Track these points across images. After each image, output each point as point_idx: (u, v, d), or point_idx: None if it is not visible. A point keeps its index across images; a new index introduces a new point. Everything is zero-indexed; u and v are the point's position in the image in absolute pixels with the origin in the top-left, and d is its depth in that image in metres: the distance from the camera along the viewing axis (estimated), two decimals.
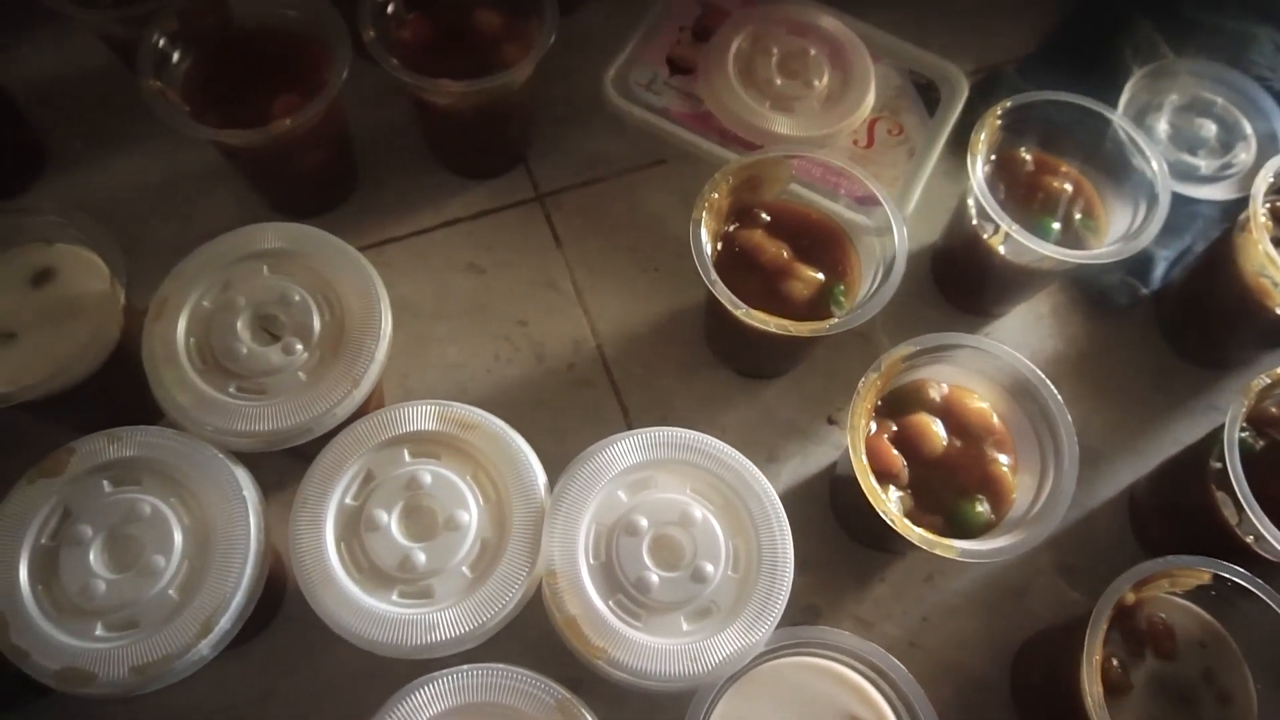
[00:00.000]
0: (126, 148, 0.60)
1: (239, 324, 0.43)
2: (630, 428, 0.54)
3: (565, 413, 0.54)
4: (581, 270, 0.58)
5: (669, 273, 0.59)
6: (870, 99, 0.58)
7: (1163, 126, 0.60)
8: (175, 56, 0.51)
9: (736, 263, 0.49)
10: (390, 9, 0.53)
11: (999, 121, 0.52)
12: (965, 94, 0.59)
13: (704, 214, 0.47)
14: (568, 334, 0.57)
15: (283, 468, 0.47)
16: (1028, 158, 0.54)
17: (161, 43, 0.50)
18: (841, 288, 0.49)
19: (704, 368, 0.57)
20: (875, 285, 0.47)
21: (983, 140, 0.51)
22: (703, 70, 0.58)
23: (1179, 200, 0.55)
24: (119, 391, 0.47)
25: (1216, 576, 0.42)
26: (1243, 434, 0.45)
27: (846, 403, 0.55)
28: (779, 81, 0.57)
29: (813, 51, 0.58)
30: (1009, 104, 0.51)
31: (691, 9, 0.61)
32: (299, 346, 0.43)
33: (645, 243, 0.59)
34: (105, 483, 0.40)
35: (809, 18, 0.59)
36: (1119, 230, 0.53)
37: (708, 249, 0.47)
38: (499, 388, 0.55)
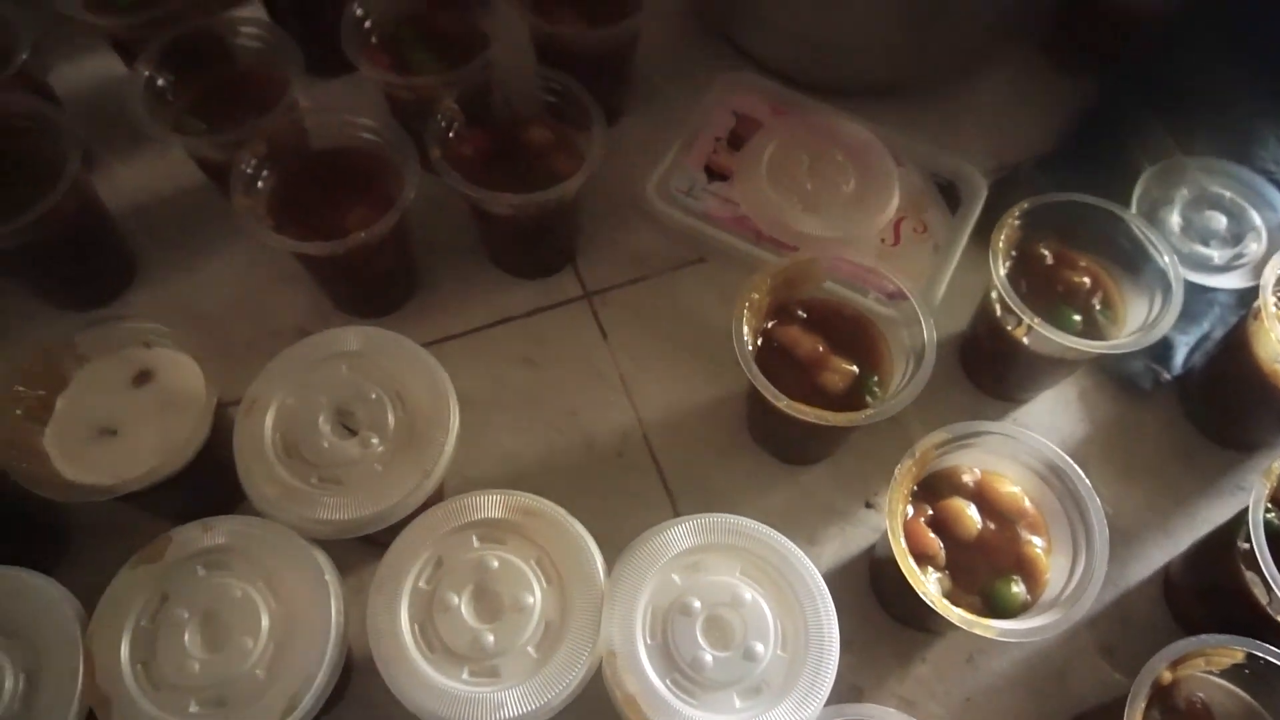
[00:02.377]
0: (207, 255, 0.66)
1: (320, 420, 0.47)
2: (677, 511, 0.57)
3: (615, 497, 0.57)
4: (627, 362, 0.62)
5: (709, 363, 0.62)
6: (895, 200, 0.62)
7: (1175, 219, 0.63)
8: (262, 176, 0.56)
9: (776, 356, 0.53)
10: (453, 128, 0.58)
11: (1017, 221, 0.55)
12: (984, 193, 0.63)
13: (745, 312, 0.51)
14: (616, 423, 0.60)
15: (351, 550, 0.50)
16: (1046, 253, 0.57)
17: (251, 164, 0.55)
18: (875, 378, 0.52)
19: (745, 453, 0.60)
20: (908, 376, 0.50)
21: (1003, 239, 0.54)
22: (738, 176, 0.63)
23: (1195, 288, 0.58)
24: (204, 481, 0.51)
25: (1250, 655, 0.43)
26: (1268, 515, 0.47)
27: (883, 486, 0.58)
28: (809, 185, 0.62)
29: (840, 157, 0.63)
30: (1026, 205, 0.55)
31: (725, 120, 0.66)
32: (375, 440, 0.47)
33: (686, 335, 0.63)
34: (199, 568, 0.43)
35: (835, 125, 0.64)
36: (1137, 319, 0.56)
37: (749, 344, 0.50)
38: (553, 475, 0.58)
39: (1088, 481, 0.47)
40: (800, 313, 0.54)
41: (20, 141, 0.57)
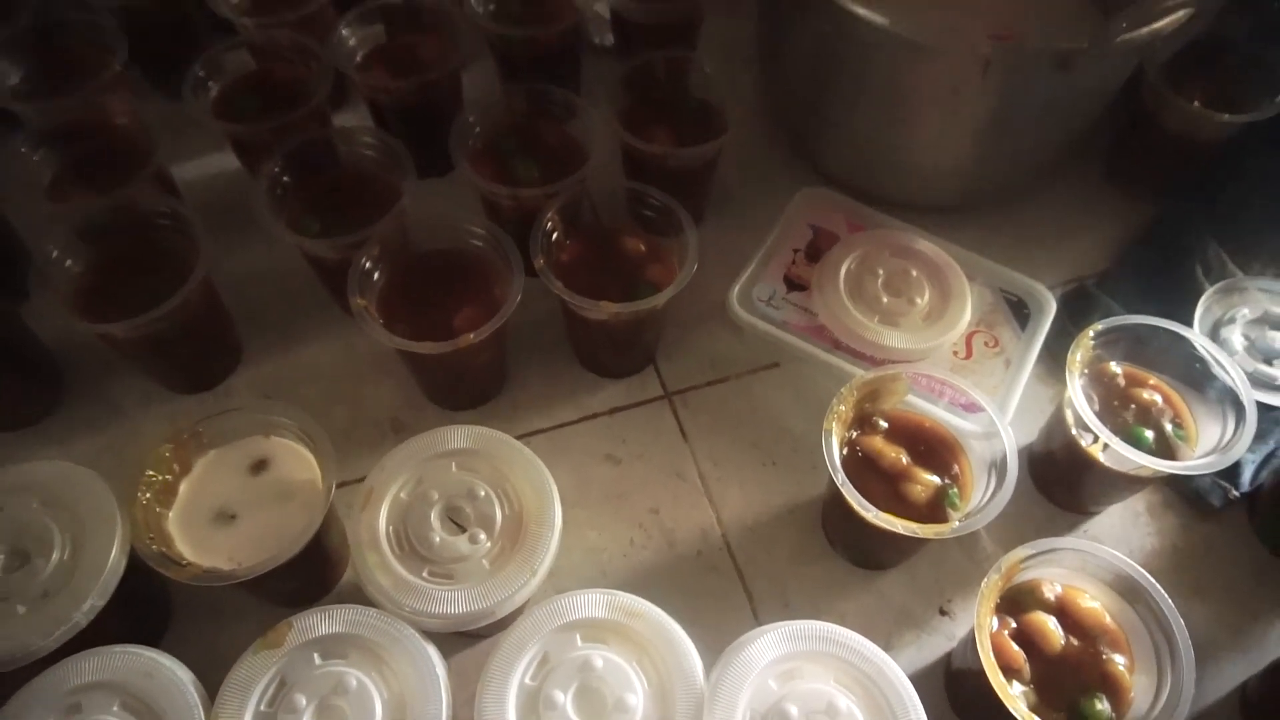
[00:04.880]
0: (306, 343, 0.69)
1: (432, 515, 0.49)
2: (755, 613, 0.58)
3: (696, 596, 0.59)
4: (707, 463, 0.64)
5: (785, 467, 0.64)
6: (967, 315, 0.65)
7: (1238, 339, 0.65)
8: (374, 275, 0.60)
9: (859, 466, 0.55)
10: (555, 236, 0.62)
11: (1092, 342, 0.58)
12: (1053, 311, 0.66)
13: (833, 424, 0.53)
14: (696, 522, 0.62)
15: (449, 641, 0.52)
16: (1118, 371, 0.59)
17: (365, 265, 0.59)
18: (955, 490, 0.54)
19: (821, 557, 0.61)
20: (990, 490, 0.52)
21: (1078, 359, 0.57)
22: (816, 288, 0.66)
23: (1261, 407, 0.60)
24: (307, 568, 0.54)
25: None
26: None
27: (956, 594, 0.60)
28: (885, 299, 0.65)
29: (914, 272, 0.66)
30: (1100, 327, 0.58)
31: (804, 233, 0.70)
32: (483, 537, 0.49)
33: (764, 439, 0.65)
34: (316, 655, 0.45)
35: (909, 242, 0.67)
36: (1209, 437, 0.57)
37: (837, 454, 0.53)
38: (635, 571, 0.60)
39: (1170, 601, 0.48)
40: (882, 423, 0.57)
41: (157, 236, 0.61)
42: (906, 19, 0.60)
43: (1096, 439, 0.55)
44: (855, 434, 0.56)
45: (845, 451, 0.55)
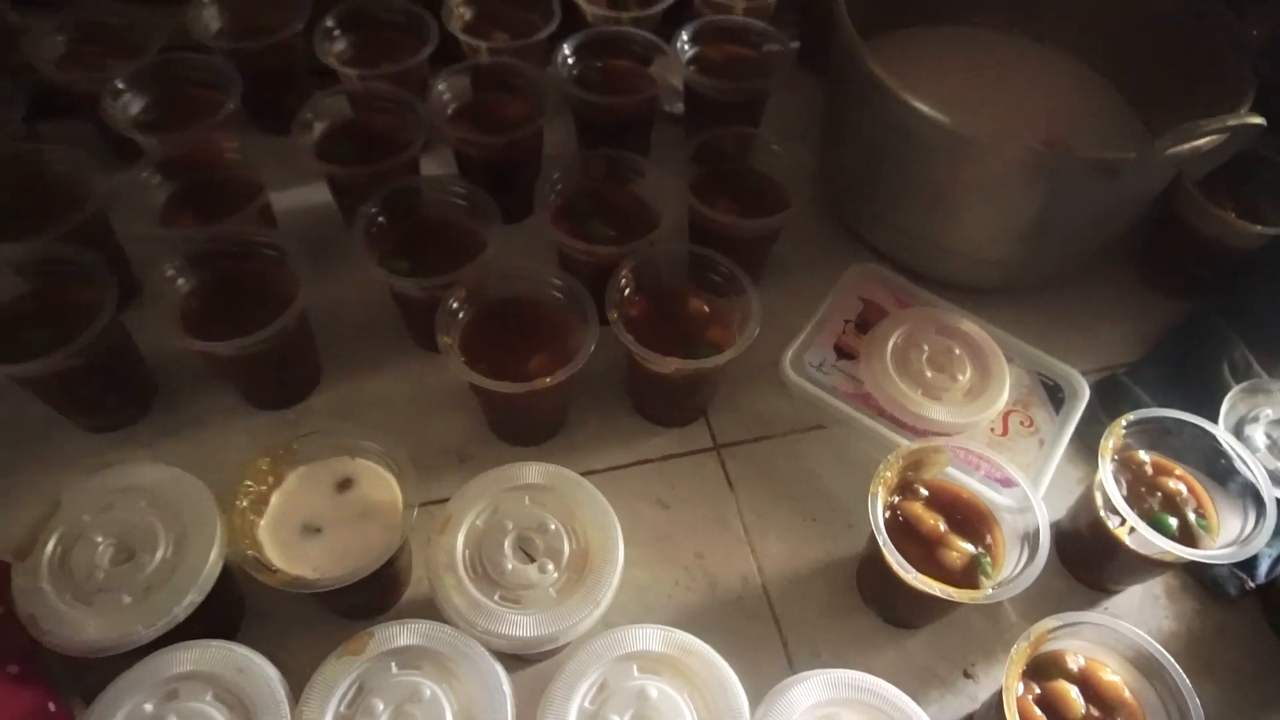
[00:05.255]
0: (381, 372, 0.74)
1: (505, 544, 0.53)
2: (790, 659, 0.62)
3: (734, 639, 0.61)
4: (750, 514, 0.68)
5: (824, 524, 0.68)
6: (1006, 395, 0.69)
7: (1260, 437, 0.69)
8: (458, 316, 0.65)
9: (899, 529, 0.59)
10: (627, 292, 0.67)
11: (1123, 430, 0.62)
12: (1087, 397, 0.70)
13: (879, 488, 0.57)
14: (737, 569, 0.66)
15: (507, 664, 0.55)
16: (1146, 460, 0.63)
17: (453, 305, 0.64)
18: (988, 559, 0.58)
19: (853, 612, 0.65)
20: (1022, 561, 0.56)
21: (1110, 445, 0.60)
22: (865, 358, 0.70)
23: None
24: (378, 584, 0.58)
25: None
26: None
27: (979, 658, 0.63)
28: (929, 374, 0.69)
29: (957, 350, 0.70)
30: (1132, 417, 0.62)
31: (854, 305, 0.74)
32: (551, 567, 0.53)
33: (804, 495, 0.69)
34: (393, 664, 0.49)
35: (953, 321, 0.72)
36: (1230, 528, 0.61)
37: (881, 516, 0.56)
38: (679, 610, 0.63)
39: (1188, 682, 0.52)
40: (923, 491, 0.60)
41: (259, 264, 0.67)
42: (965, 118, 0.65)
43: (1123, 522, 0.59)
44: (897, 499, 0.60)
45: (887, 515, 0.59)
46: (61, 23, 0.81)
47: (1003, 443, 0.68)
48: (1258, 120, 0.62)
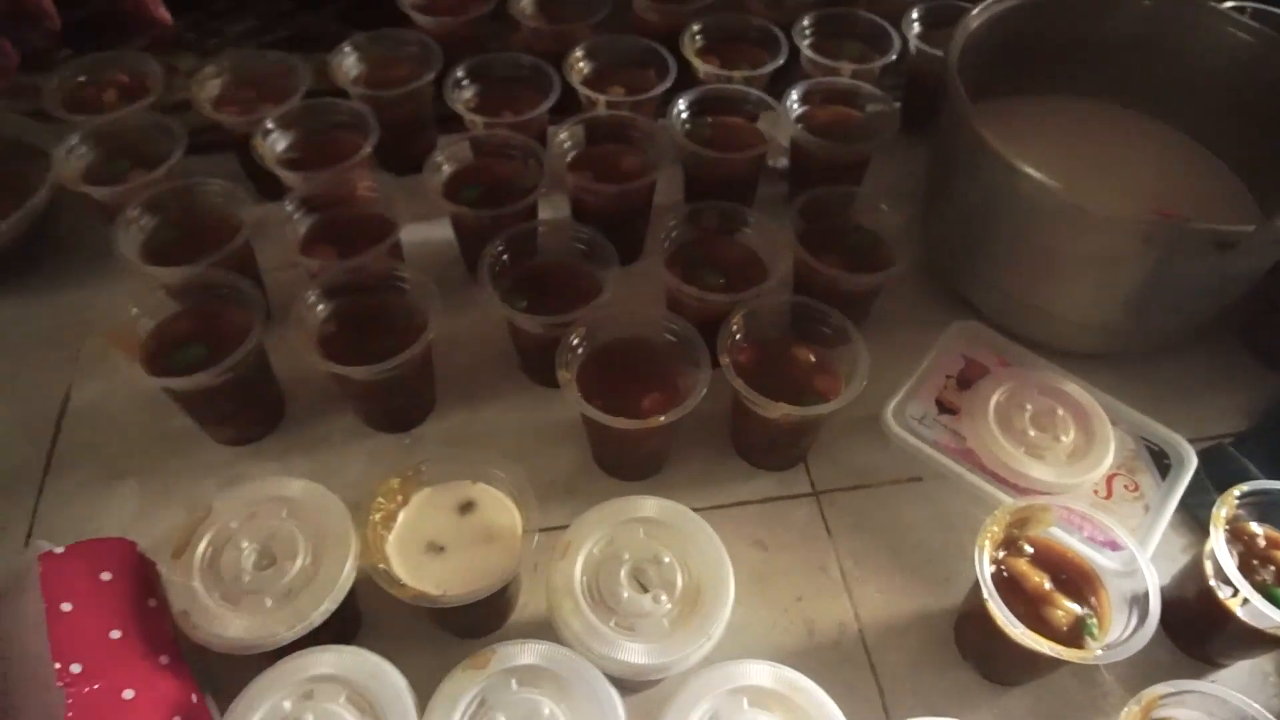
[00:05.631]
0: (493, 403, 0.77)
1: (621, 573, 0.56)
2: (885, 708, 0.62)
3: (830, 684, 0.61)
4: (848, 561, 0.69)
5: (922, 576, 0.69)
6: (1110, 458, 0.69)
7: None
8: (576, 353, 0.68)
9: (1004, 586, 0.59)
10: (738, 338, 0.69)
11: (1236, 501, 0.61)
12: (1194, 465, 0.70)
13: (986, 542, 0.58)
14: (835, 615, 0.67)
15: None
16: (1259, 531, 0.63)
17: (574, 342, 0.67)
18: (1095, 620, 0.58)
19: (950, 666, 0.65)
20: (1131, 625, 0.56)
21: (1223, 515, 0.60)
22: (967, 414, 0.71)
23: None
24: (490, 606, 0.60)
25: None
26: None
27: None
28: (1032, 433, 0.69)
29: (1060, 411, 0.71)
30: (1246, 488, 0.62)
31: (956, 362, 0.76)
32: (664, 598, 0.55)
33: (902, 546, 0.70)
34: (514, 682, 0.52)
35: (1056, 382, 0.73)
36: None
37: (988, 571, 0.57)
38: (775, 651, 0.64)
39: None
40: (1027, 548, 0.61)
41: (392, 297, 0.71)
42: (1078, 186, 0.67)
43: (1236, 593, 0.59)
44: (1002, 554, 0.61)
45: (991, 570, 0.59)
46: (220, 67, 0.88)
47: (1106, 506, 0.68)
48: None
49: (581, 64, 0.91)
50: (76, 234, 0.86)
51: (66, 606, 0.52)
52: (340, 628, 0.59)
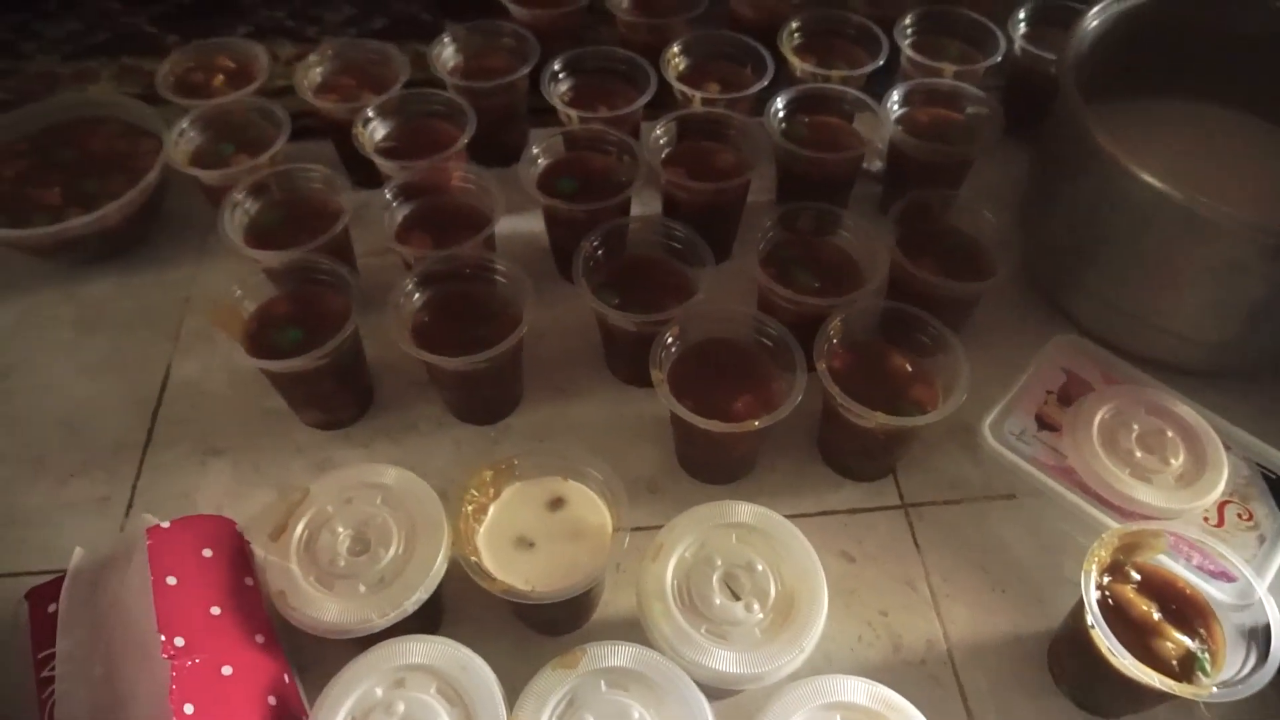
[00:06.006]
0: (580, 398, 0.77)
1: (714, 578, 0.55)
2: None
3: (916, 702, 0.60)
4: (937, 577, 0.67)
5: (1014, 596, 0.67)
6: (1222, 484, 0.65)
7: None
8: (670, 351, 0.67)
9: (1108, 613, 0.57)
10: (835, 343, 0.68)
11: None
12: None
13: (1092, 566, 0.56)
14: (922, 632, 0.65)
15: None
16: None
17: (668, 340, 0.66)
18: (1207, 655, 0.55)
19: (1042, 692, 0.63)
20: (1250, 662, 0.53)
21: None
22: (1068, 431, 0.69)
23: None
24: (581, 605, 0.60)
25: None
26: None
27: None
28: (1138, 454, 0.67)
29: (1169, 433, 0.68)
30: None
31: (1057, 376, 0.73)
32: (757, 607, 0.54)
33: (994, 565, 0.68)
34: (603, 682, 0.51)
35: (1165, 402, 0.69)
36: None
37: (1094, 596, 0.55)
38: (860, 665, 0.63)
39: None
40: (1135, 575, 0.58)
41: (486, 287, 0.71)
42: (1201, 194, 0.63)
43: None
44: (1107, 580, 0.58)
45: (1096, 595, 0.57)
46: (322, 55, 0.89)
47: (1218, 534, 0.65)
48: None
49: (677, 59, 0.90)
50: (181, 214, 0.88)
51: (171, 580, 0.53)
52: (428, 617, 0.60)
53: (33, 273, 0.85)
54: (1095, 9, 0.78)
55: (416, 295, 0.71)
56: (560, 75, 0.88)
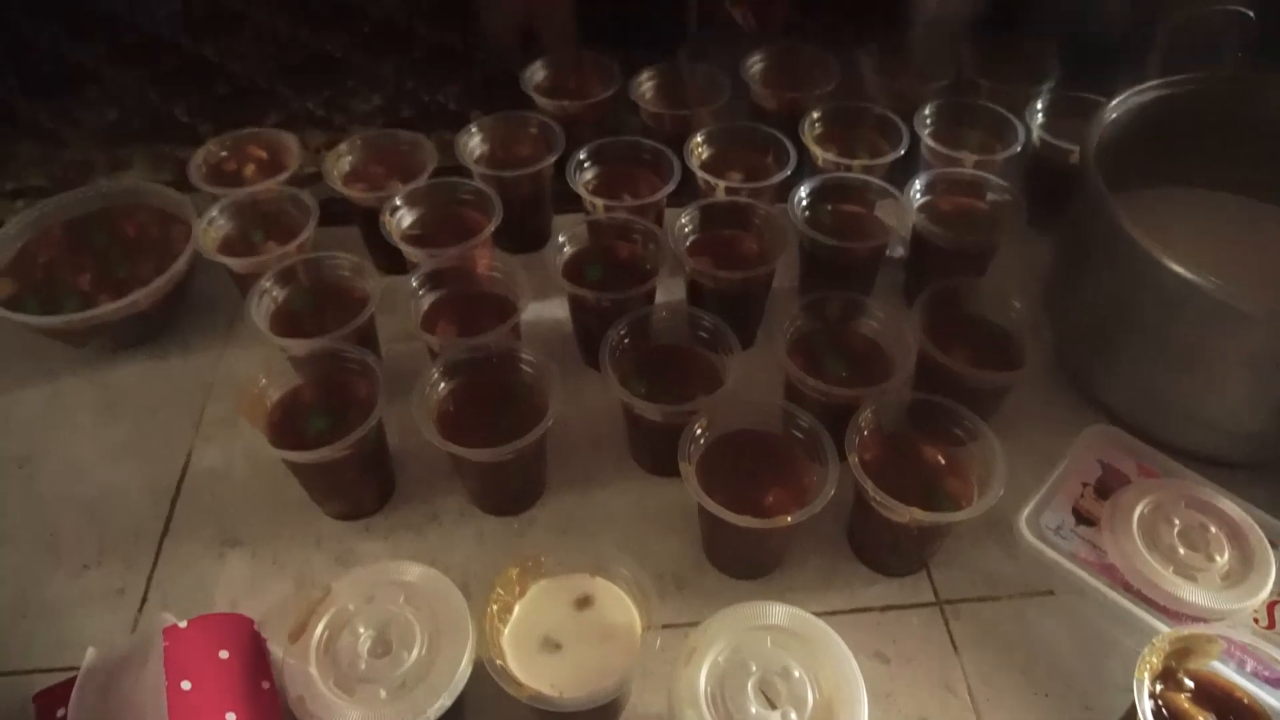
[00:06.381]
0: (604, 489, 0.76)
1: (749, 685, 0.53)
2: None
3: None
4: (976, 680, 0.65)
5: (1058, 701, 0.64)
6: (1271, 583, 0.63)
7: None
8: (699, 443, 0.66)
9: None
10: (866, 434, 0.66)
11: None
12: None
13: (1144, 674, 0.53)
14: None
15: None
16: None
17: (696, 432, 0.65)
18: None
19: None
20: None
21: None
22: (1107, 527, 0.67)
23: None
24: (611, 707, 0.57)
25: None
26: None
27: None
28: (1181, 551, 0.65)
29: (1212, 528, 0.66)
30: None
31: (1092, 468, 0.71)
32: (794, 716, 0.52)
33: (1035, 667, 0.65)
34: None
35: (1205, 496, 0.68)
36: None
37: (1149, 708, 0.52)
38: None
39: None
40: (1188, 682, 0.56)
41: (511, 376, 0.71)
42: (1234, 286, 0.63)
43: None
44: (1159, 688, 0.56)
45: (1150, 705, 0.55)
46: (352, 144, 0.91)
47: (1268, 636, 0.62)
48: None
49: (701, 148, 0.91)
50: (209, 299, 0.89)
51: (186, 685, 0.52)
52: None
53: (60, 358, 0.85)
54: (1115, 101, 0.79)
55: (442, 384, 0.71)
56: (585, 164, 0.89)
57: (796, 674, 0.53)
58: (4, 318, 0.78)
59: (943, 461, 0.67)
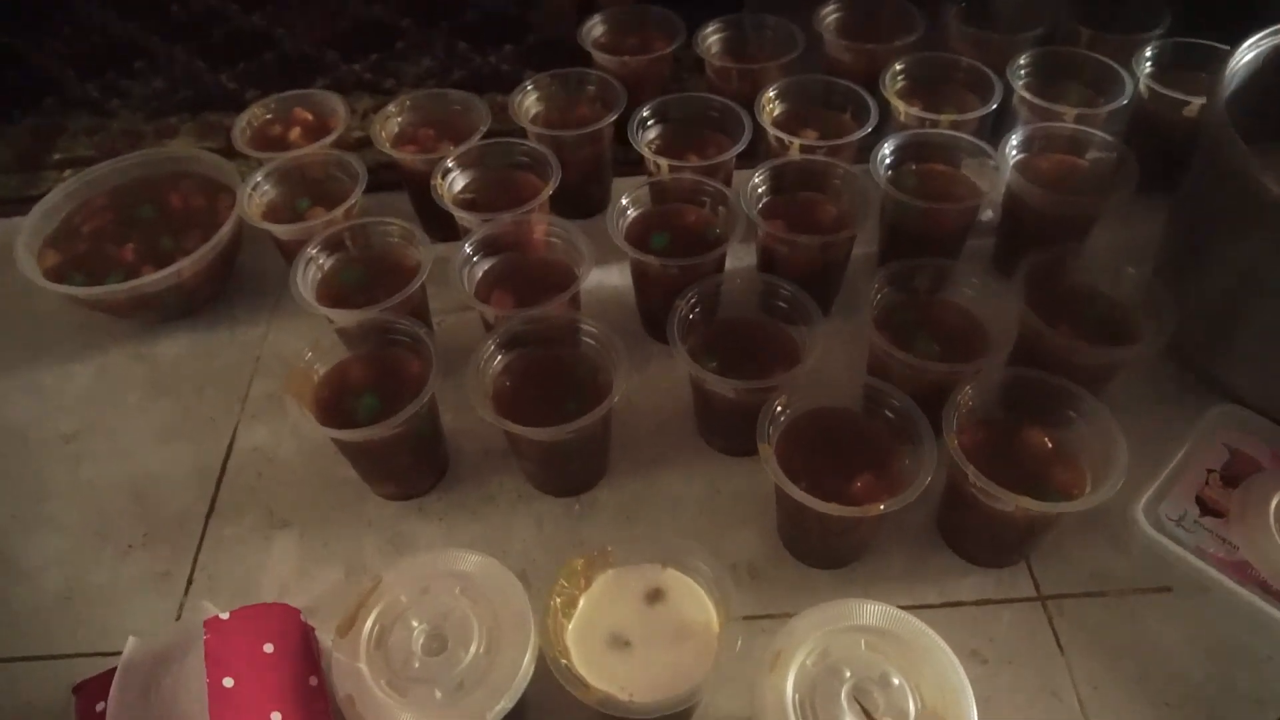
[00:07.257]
0: (672, 472, 0.70)
1: (841, 694, 0.47)
2: None
3: None
4: (1086, 687, 0.58)
5: (1179, 712, 0.57)
6: None
7: None
8: (779, 423, 0.60)
9: None
10: (965, 414, 0.60)
11: None
12: None
13: None
14: None
15: None
16: None
17: (777, 409, 0.60)
18: None
19: None
20: None
21: None
22: (1238, 518, 0.60)
23: None
24: (685, 711, 0.52)
25: None
26: None
27: None
28: None
29: None
30: None
31: (1219, 453, 0.64)
32: None
33: (1153, 673, 0.59)
34: None
35: None
36: None
37: None
38: None
39: None
40: None
41: (572, 350, 0.66)
42: None
43: None
44: None
45: None
46: (401, 105, 0.86)
47: None
48: None
49: (773, 105, 0.85)
50: (256, 270, 0.86)
51: (228, 682, 0.48)
52: None
53: (109, 332, 0.82)
54: (1248, 43, 0.70)
55: (498, 358, 0.66)
56: (649, 122, 0.83)
57: (895, 682, 0.48)
58: (48, 289, 0.75)
59: (1050, 445, 0.60)
